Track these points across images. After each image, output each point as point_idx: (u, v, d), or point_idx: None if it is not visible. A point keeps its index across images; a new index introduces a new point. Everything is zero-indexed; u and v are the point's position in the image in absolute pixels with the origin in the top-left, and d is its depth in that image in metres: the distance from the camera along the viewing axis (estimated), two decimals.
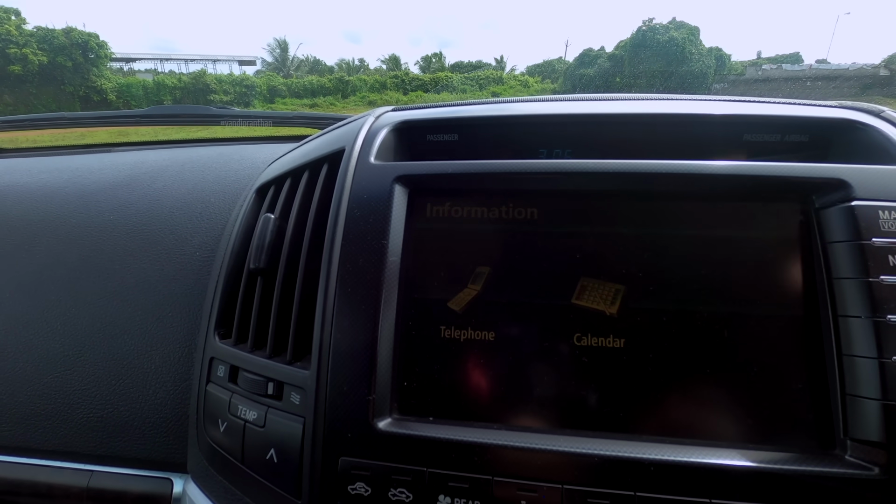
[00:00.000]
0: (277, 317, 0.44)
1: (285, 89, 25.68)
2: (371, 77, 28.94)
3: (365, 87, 26.54)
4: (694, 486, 0.34)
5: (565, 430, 0.38)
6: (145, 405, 0.51)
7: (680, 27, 22.56)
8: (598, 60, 24.27)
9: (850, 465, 0.34)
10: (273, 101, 24.20)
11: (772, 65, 25.61)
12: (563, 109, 0.50)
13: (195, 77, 25.51)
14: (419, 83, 27.32)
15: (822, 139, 0.46)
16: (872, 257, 0.36)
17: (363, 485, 0.38)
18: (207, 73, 26.55)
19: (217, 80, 25.71)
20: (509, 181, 0.43)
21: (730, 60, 25.01)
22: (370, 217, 0.43)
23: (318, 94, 25.24)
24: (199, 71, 26.56)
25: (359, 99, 24.92)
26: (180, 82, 24.93)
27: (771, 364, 0.38)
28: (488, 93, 23.82)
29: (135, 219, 0.61)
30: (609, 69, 23.30)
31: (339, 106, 23.51)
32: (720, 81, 21.61)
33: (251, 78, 27.27)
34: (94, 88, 21.66)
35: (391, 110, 0.55)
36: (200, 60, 32.29)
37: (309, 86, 26.14)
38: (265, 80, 26.95)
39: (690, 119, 0.47)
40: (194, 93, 24.69)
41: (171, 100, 23.69)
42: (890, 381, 0.34)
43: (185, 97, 24.19)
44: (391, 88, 26.46)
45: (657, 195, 0.42)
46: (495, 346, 0.41)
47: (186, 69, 30.34)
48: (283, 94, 25.18)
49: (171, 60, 32.93)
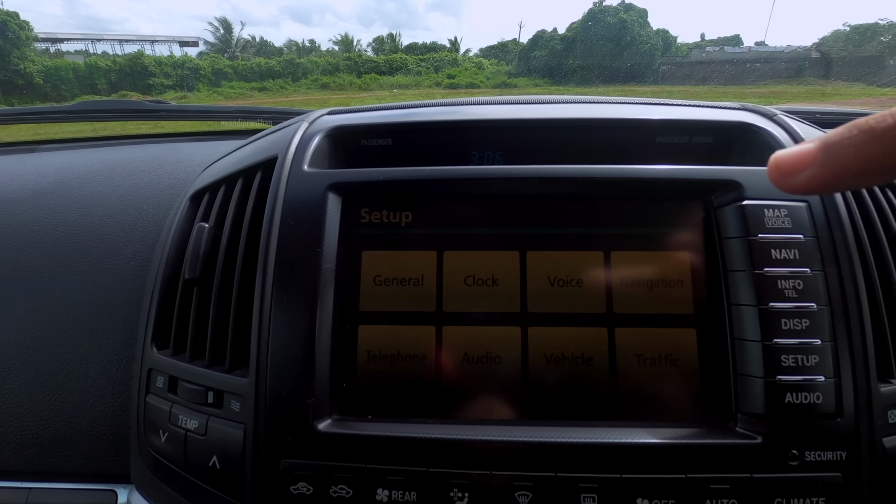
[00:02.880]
0: (215, 326, 0.45)
1: (232, 72, 24.53)
2: (323, 59, 28.05)
3: (317, 69, 25.72)
4: (607, 463, 0.38)
5: (493, 421, 0.41)
6: (83, 419, 0.51)
7: (629, 9, 23.06)
8: (552, 42, 24.50)
9: (739, 435, 0.39)
10: (219, 85, 23.08)
11: (714, 47, 26.65)
12: (493, 114, 0.52)
13: (132, 59, 23.93)
14: (373, 65, 26.75)
15: (725, 141, 0.50)
16: (758, 251, 0.40)
17: (305, 484, 0.39)
18: (146, 54, 24.95)
19: (157, 62, 24.24)
20: (438, 186, 0.45)
21: (676, 43, 25.85)
22: (304, 225, 0.44)
23: (267, 77, 24.26)
24: (136, 52, 24.92)
25: (311, 82, 24.15)
26: (115, 64, 23.34)
27: (678, 350, 0.42)
28: (444, 75, 23.63)
29: (62, 228, 0.59)
30: (562, 51, 23.58)
31: (291, 89, 22.73)
32: (667, 63, 22.33)
33: (194, 60, 25.82)
34: (18, 72, 19.95)
35: (326, 113, 0.55)
36: (137, 41, 30.26)
37: (257, 68, 25.08)
38: (209, 62, 25.60)
39: (609, 123, 0.50)
40: (132, 76, 23.20)
41: (105, 84, 22.16)
42: (770, 361, 0.38)
43: (122, 81, 22.68)
44: (344, 71, 25.77)
45: (575, 197, 0.45)
46: (429, 347, 0.43)
47: (122, 50, 28.39)
48: (230, 78, 24.05)
49: (104, 41, 30.69)
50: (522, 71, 24.33)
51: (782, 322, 0.39)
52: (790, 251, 0.40)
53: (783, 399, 0.38)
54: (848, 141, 0.29)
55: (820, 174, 0.30)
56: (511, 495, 0.38)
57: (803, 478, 0.37)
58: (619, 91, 6.82)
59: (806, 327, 0.39)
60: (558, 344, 0.43)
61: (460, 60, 28.15)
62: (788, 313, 0.39)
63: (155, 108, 1.05)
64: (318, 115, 0.54)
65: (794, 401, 0.38)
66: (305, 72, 25.34)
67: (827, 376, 0.38)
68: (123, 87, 22.72)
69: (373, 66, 26.83)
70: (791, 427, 0.38)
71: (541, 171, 0.44)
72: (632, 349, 0.42)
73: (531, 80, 21.66)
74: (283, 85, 23.25)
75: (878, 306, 0.41)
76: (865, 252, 0.42)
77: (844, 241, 0.41)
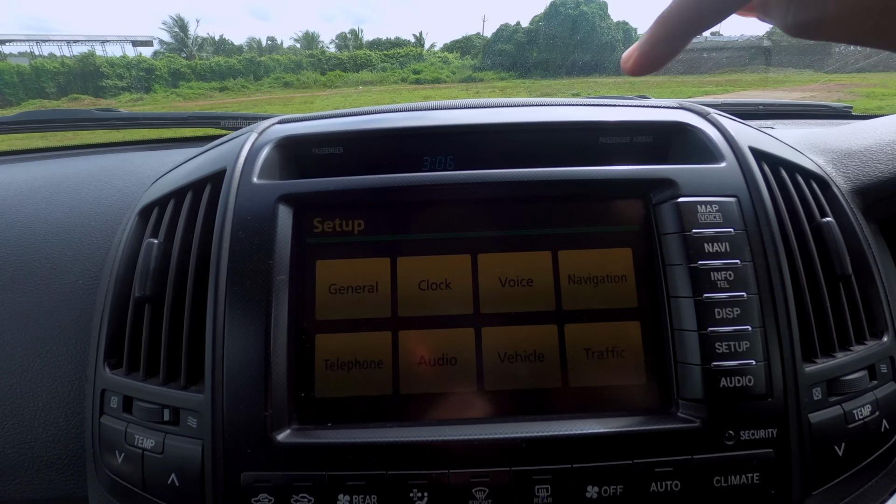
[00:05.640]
0: (168, 343, 0.44)
1: (190, 72, 23.74)
2: (285, 57, 27.46)
3: (279, 67, 25.16)
4: (558, 455, 0.40)
5: (450, 421, 0.42)
6: (35, 444, 0.49)
7: (590, 2, 23.39)
8: (516, 35, 24.65)
9: (680, 420, 0.41)
10: (177, 86, 22.30)
11: None
12: (443, 120, 0.53)
13: (82, 60, 22.86)
14: (337, 62, 26.36)
15: (663, 140, 0.52)
16: (692, 246, 0.43)
17: (266, 495, 0.40)
18: (96, 55, 23.87)
19: (109, 63, 23.21)
20: (389, 194, 0.46)
21: (636, 34, 26.36)
22: (255, 238, 0.44)
23: (227, 77, 23.58)
24: (86, 53, 23.80)
25: (273, 80, 23.61)
26: (64, 66, 22.25)
27: (623, 343, 0.44)
28: (409, 70, 23.47)
29: (3, 249, 0.56)
30: (526, 43, 23.76)
31: (253, 88, 22.16)
32: None
33: (149, 60, 24.86)
34: None
35: (276, 122, 0.55)
36: (86, 41, 28.89)
37: (216, 67, 24.34)
38: (165, 62, 24.69)
39: (555, 126, 0.52)
40: (82, 77, 22.16)
41: (54, 87, 21.11)
42: (706, 349, 0.41)
43: (72, 83, 21.64)
44: (307, 68, 25.30)
45: (523, 200, 0.46)
46: (385, 353, 0.44)
47: (70, 51, 27.05)
48: (189, 78, 23.26)
49: (51, 42, 29.19)
50: (488, 65, 24.44)
51: (716, 311, 0.41)
52: (722, 244, 0.43)
53: (719, 384, 0.40)
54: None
55: (651, 35, 0.33)
56: (469, 492, 0.39)
57: (739, 456, 0.40)
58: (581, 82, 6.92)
59: (737, 315, 0.41)
60: (511, 342, 0.44)
61: (425, 55, 28.05)
62: (721, 303, 0.41)
63: (104, 116, 1.01)
64: (268, 124, 0.54)
65: (728, 385, 0.40)
66: (267, 70, 24.76)
67: (758, 360, 0.41)
68: (74, 90, 21.69)
69: (337, 62, 26.44)
70: (727, 409, 0.40)
71: (488, 177, 0.45)
72: (580, 344, 0.44)
73: (497, 73, 21.77)
74: (244, 84, 22.66)
75: (802, 293, 0.44)
76: (790, 243, 0.45)
77: (771, 234, 0.44)
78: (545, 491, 0.39)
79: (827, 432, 0.41)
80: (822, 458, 0.41)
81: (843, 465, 0.42)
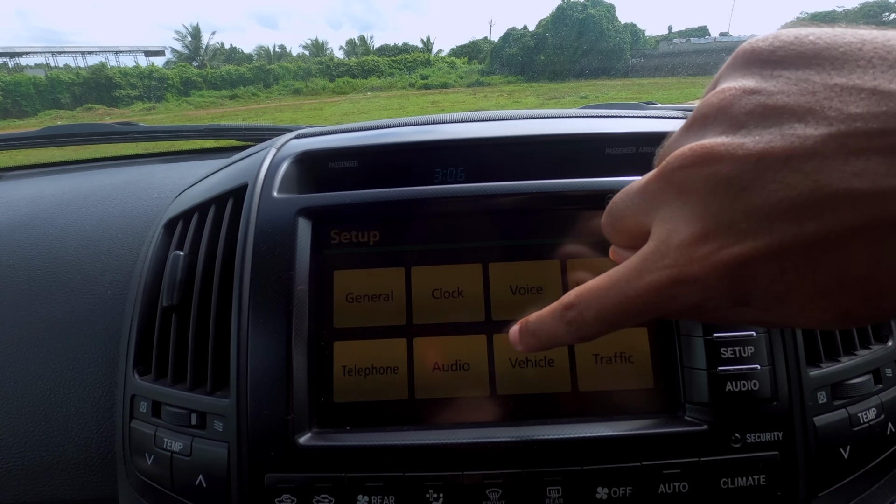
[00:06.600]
0: (195, 351, 0.47)
1: (201, 81, 24.05)
2: (294, 64, 27.74)
3: (288, 74, 25.40)
4: (569, 457, 0.41)
5: (464, 424, 0.44)
6: (69, 447, 0.52)
7: (597, 4, 23.36)
8: (523, 39, 24.69)
9: (688, 423, 0.42)
10: (189, 95, 22.62)
11: (681, 39, 27.22)
12: (454, 133, 0.55)
13: (95, 70, 23.28)
14: (345, 68, 26.55)
15: None
16: None
17: (289, 496, 0.42)
18: (109, 66, 24.29)
19: (121, 73, 23.62)
20: (403, 207, 0.48)
21: (644, 35, 26.32)
22: (276, 250, 0.46)
23: (237, 85, 23.87)
24: (98, 64, 24.24)
25: (282, 87, 23.84)
26: (78, 77, 22.68)
27: (632, 349, 0.45)
28: (417, 76, 23.60)
29: (37, 261, 0.59)
30: (533, 48, 23.77)
31: (263, 96, 22.43)
32: (636, 56, 22.76)
33: (161, 70, 25.22)
34: None
35: (294, 137, 0.57)
36: (100, 52, 29.42)
37: (227, 76, 24.65)
38: (177, 71, 25.05)
39: (560, 138, 0.53)
40: (96, 88, 22.57)
41: (69, 97, 21.53)
42: (712, 354, 0.42)
43: (86, 94, 22.05)
44: (316, 75, 25.52)
45: (532, 210, 0.48)
46: (400, 359, 0.45)
47: (84, 62, 27.59)
48: (200, 87, 23.58)
49: (66, 53, 29.79)
50: (495, 69, 24.52)
51: None
52: None
53: (725, 388, 0.42)
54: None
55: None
56: (483, 493, 0.41)
57: (745, 458, 0.41)
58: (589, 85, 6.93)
59: None
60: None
61: (433, 61, 28.19)
62: None
63: (124, 129, 1.05)
64: (286, 139, 0.56)
65: (734, 389, 0.42)
66: (277, 78, 25.05)
67: (762, 365, 0.42)
68: (88, 100, 22.12)
69: (345, 69, 26.67)
70: (733, 413, 0.42)
71: (497, 189, 0.47)
72: (589, 349, 0.45)
73: (504, 77, 21.82)
74: (254, 92, 22.94)
75: None
76: None
77: None
78: (556, 492, 0.41)
79: (832, 435, 0.42)
80: (828, 460, 0.42)
81: (848, 467, 0.43)
